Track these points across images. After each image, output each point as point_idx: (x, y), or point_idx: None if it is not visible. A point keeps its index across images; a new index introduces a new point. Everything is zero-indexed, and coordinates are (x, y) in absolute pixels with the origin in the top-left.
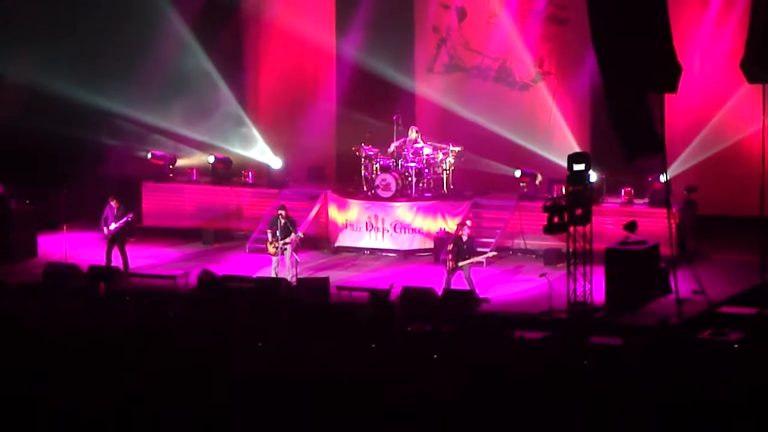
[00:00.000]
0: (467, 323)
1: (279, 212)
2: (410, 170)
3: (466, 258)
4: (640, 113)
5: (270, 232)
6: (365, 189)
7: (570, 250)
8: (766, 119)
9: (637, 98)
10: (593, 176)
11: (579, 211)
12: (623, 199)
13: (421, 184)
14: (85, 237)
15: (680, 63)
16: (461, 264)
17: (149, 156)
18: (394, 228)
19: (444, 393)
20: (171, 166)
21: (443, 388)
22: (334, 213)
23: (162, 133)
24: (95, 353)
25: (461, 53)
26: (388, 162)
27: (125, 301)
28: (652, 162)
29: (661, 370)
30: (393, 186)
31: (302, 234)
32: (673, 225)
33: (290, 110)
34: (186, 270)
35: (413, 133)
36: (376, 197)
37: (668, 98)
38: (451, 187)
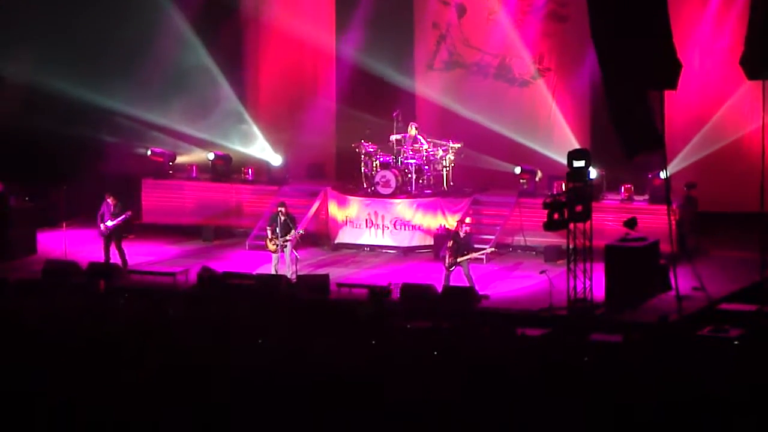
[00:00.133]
0: (467, 320)
1: (279, 209)
2: (410, 167)
3: (465, 254)
4: (640, 110)
5: (270, 230)
6: (365, 186)
7: (570, 247)
8: (766, 116)
9: (637, 95)
10: (593, 173)
11: (579, 208)
12: (623, 196)
13: (421, 181)
14: (85, 234)
15: (680, 60)
16: (460, 260)
17: (149, 153)
18: (394, 225)
19: (444, 390)
20: (171, 163)
21: (443, 385)
22: (334, 210)
23: (162, 130)
24: (95, 350)
25: (461, 50)
26: (388, 159)
27: (125, 298)
28: (652, 159)
29: (661, 367)
30: (393, 183)
31: (302, 231)
32: (673, 222)
33: (290, 107)
34: (186, 267)
35: (413, 130)
36: (376, 194)
37: (668, 95)
38: (451, 184)
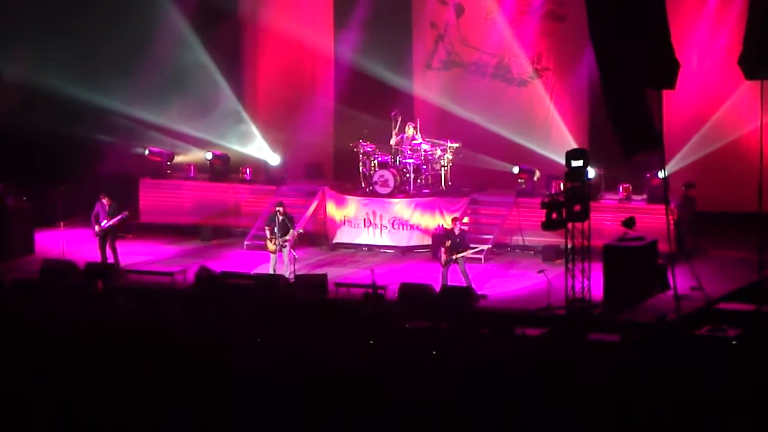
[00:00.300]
0: (465, 320)
1: (277, 209)
2: (408, 166)
3: (460, 251)
4: (639, 110)
5: (268, 229)
6: (363, 185)
7: (568, 247)
8: (765, 116)
9: (636, 95)
10: (591, 172)
11: (577, 208)
12: (621, 196)
13: (419, 181)
14: (82, 234)
15: (678, 60)
16: (455, 257)
17: (147, 153)
18: (392, 224)
19: (442, 389)
20: (169, 163)
21: (441, 385)
22: (332, 209)
23: (160, 130)
24: (93, 350)
25: (459, 49)
26: (386, 158)
27: (122, 298)
28: (651, 158)
29: (659, 367)
30: (391, 182)
31: (301, 231)
32: (672, 221)
33: (288, 107)
34: (184, 267)
35: (411, 130)
36: (374, 194)
37: (666, 95)
38: (449, 184)
